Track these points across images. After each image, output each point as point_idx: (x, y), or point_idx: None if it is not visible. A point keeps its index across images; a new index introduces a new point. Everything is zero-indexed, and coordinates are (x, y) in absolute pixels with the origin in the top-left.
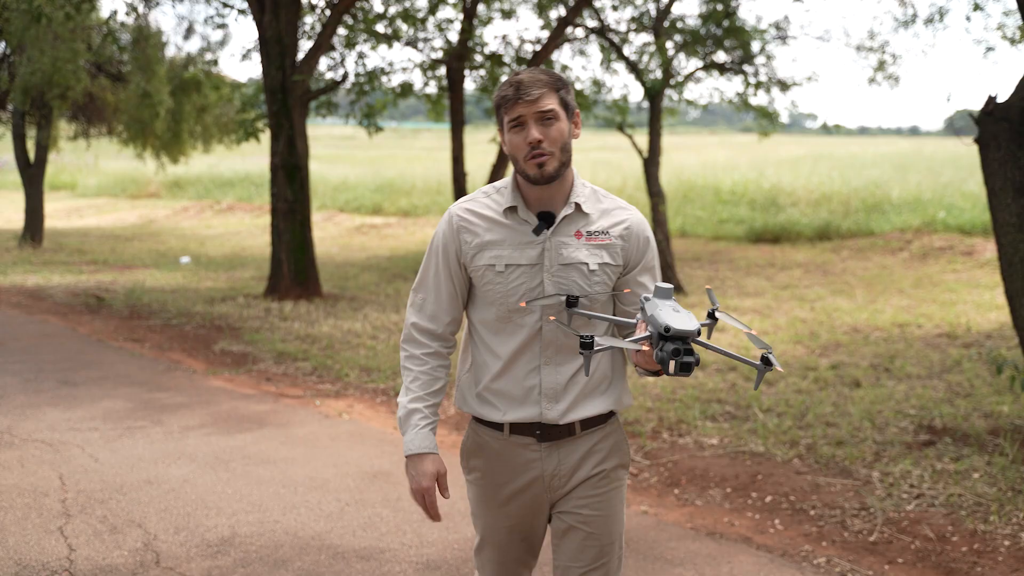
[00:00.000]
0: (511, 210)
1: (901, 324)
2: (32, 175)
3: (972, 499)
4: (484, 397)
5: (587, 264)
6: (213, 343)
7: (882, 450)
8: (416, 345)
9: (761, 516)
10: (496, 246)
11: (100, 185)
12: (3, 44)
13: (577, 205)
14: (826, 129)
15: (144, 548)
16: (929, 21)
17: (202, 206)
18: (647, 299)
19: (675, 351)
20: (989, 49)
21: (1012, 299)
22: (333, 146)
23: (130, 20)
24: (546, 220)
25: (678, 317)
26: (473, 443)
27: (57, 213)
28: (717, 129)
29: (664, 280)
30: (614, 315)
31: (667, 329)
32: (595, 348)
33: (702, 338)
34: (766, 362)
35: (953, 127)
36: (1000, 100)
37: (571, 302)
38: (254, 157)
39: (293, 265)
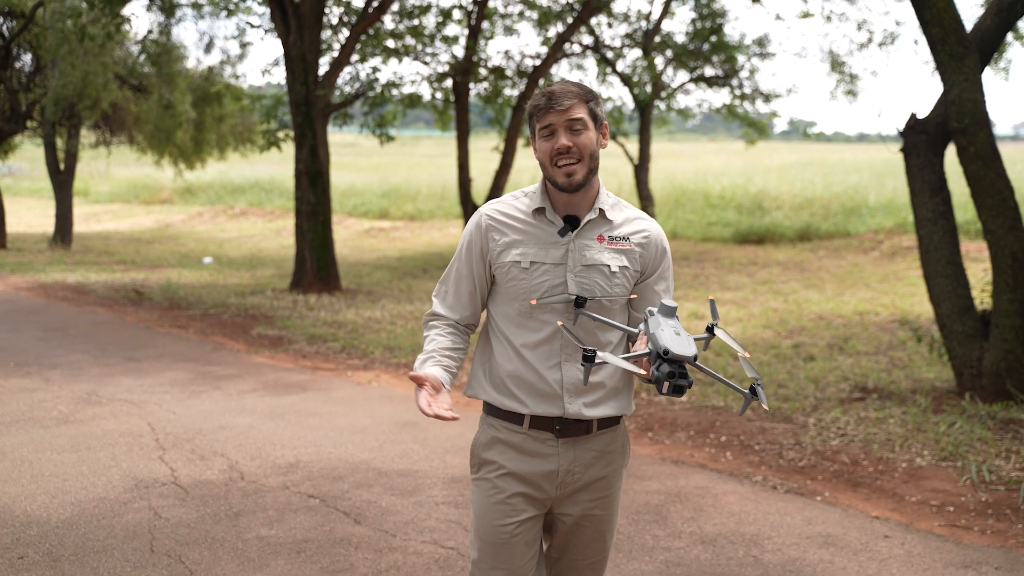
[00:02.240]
0: (539, 211)
1: (861, 312)
2: (62, 181)
3: (884, 436)
4: (505, 387)
5: (608, 266)
6: (250, 328)
7: (820, 404)
8: (437, 319)
9: (716, 450)
10: (522, 244)
11: (113, 191)
12: (29, 57)
13: (601, 211)
14: (825, 137)
15: (230, 469)
16: (882, 44)
17: (216, 211)
18: (651, 313)
19: (671, 373)
20: (936, 69)
21: (928, 279)
22: (336, 153)
23: (161, 38)
24: (571, 223)
25: (678, 341)
26: (488, 437)
27: (75, 218)
28: (716, 136)
29: None
30: (628, 319)
31: (666, 352)
32: (595, 362)
33: (699, 349)
34: (753, 392)
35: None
36: (920, 117)
37: (579, 302)
38: (262, 164)
39: (315, 262)
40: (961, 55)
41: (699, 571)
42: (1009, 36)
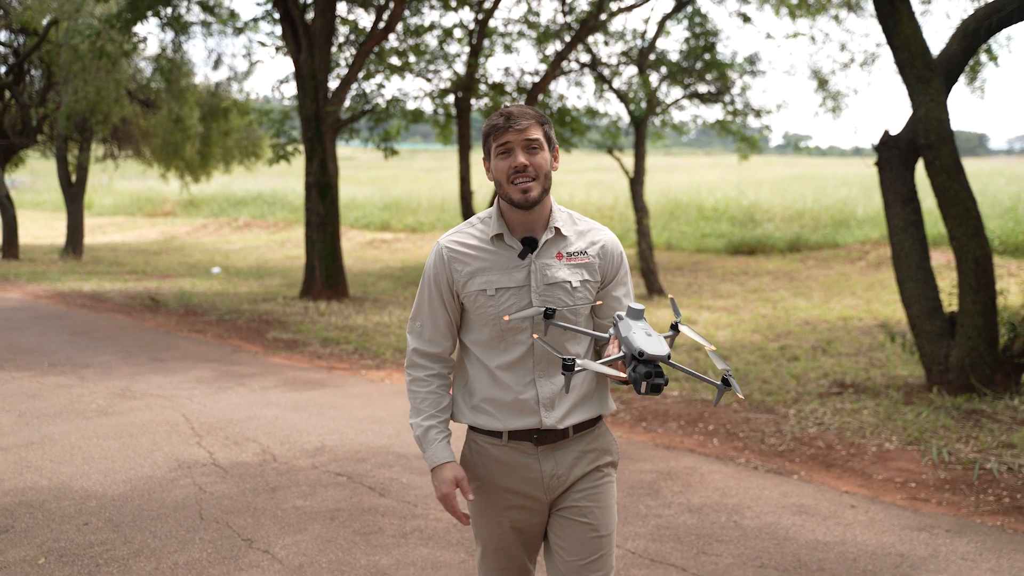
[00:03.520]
0: (497, 237)
1: (845, 318)
2: (73, 194)
3: (857, 424)
4: (481, 408)
5: (570, 282)
6: (265, 333)
7: (800, 397)
8: (419, 368)
9: (704, 437)
10: (486, 272)
11: (116, 204)
12: (39, 73)
13: (557, 229)
14: (820, 151)
15: (263, 452)
16: (863, 64)
17: (219, 223)
18: (620, 318)
19: (647, 373)
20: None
21: (900, 284)
22: None
23: (175, 56)
24: (529, 245)
25: (651, 342)
26: (472, 452)
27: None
28: (712, 150)
29: (647, 284)
30: (592, 328)
31: (641, 353)
32: (575, 370)
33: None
34: (726, 383)
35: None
36: (893, 133)
37: (548, 314)
38: (264, 177)
39: (324, 270)
40: (927, 78)
41: (686, 533)
42: (984, 57)
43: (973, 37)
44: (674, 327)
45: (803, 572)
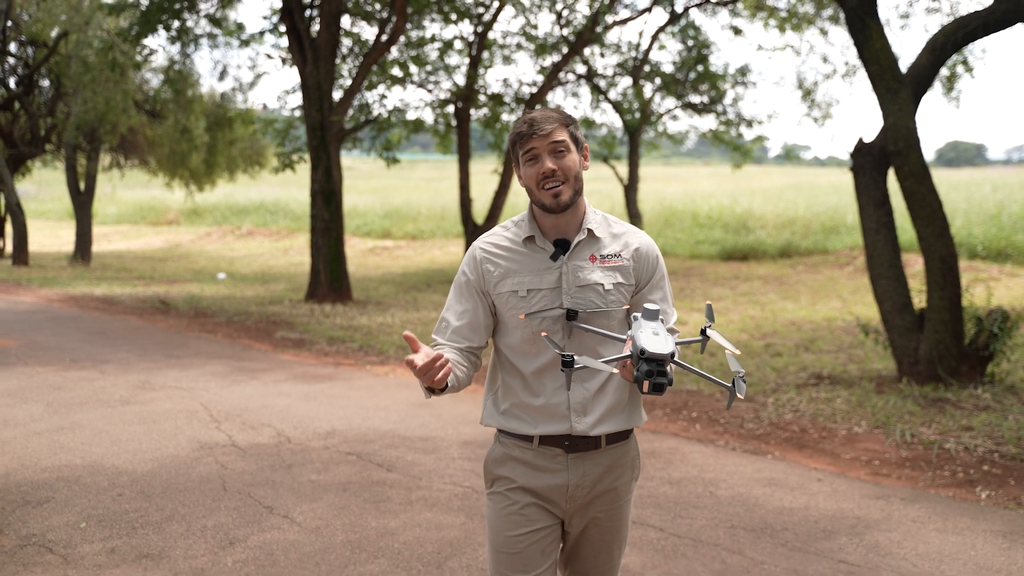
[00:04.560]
0: (529, 240)
1: (830, 319)
2: (82, 202)
3: (830, 411)
4: (512, 413)
5: (602, 284)
6: (273, 332)
7: (779, 387)
8: (440, 347)
9: (687, 423)
10: (517, 273)
11: (120, 213)
12: (47, 83)
13: (590, 231)
14: (819, 161)
15: (278, 435)
16: (845, 75)
17: (223, 231)
18: (635, 318)
19: (649, 372)
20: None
21: (873, 282)
22: None
23: (184, 67)
24: (562, 247)
25: (655, 340)
26: (500, 453)
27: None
28: (711, 160)
29: None
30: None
31: (643, 352)
32: (575, 367)
33: (697, 349)
34: (735, 384)
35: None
36: (867, 141)
37: (570, 315)
38: (266, 186)
39: (329, 274)
40: (896, 89)
41: (665, 501)
42: (960, 68)
43: (941, 51)
44: (703, 331)
45: (768, 532)
